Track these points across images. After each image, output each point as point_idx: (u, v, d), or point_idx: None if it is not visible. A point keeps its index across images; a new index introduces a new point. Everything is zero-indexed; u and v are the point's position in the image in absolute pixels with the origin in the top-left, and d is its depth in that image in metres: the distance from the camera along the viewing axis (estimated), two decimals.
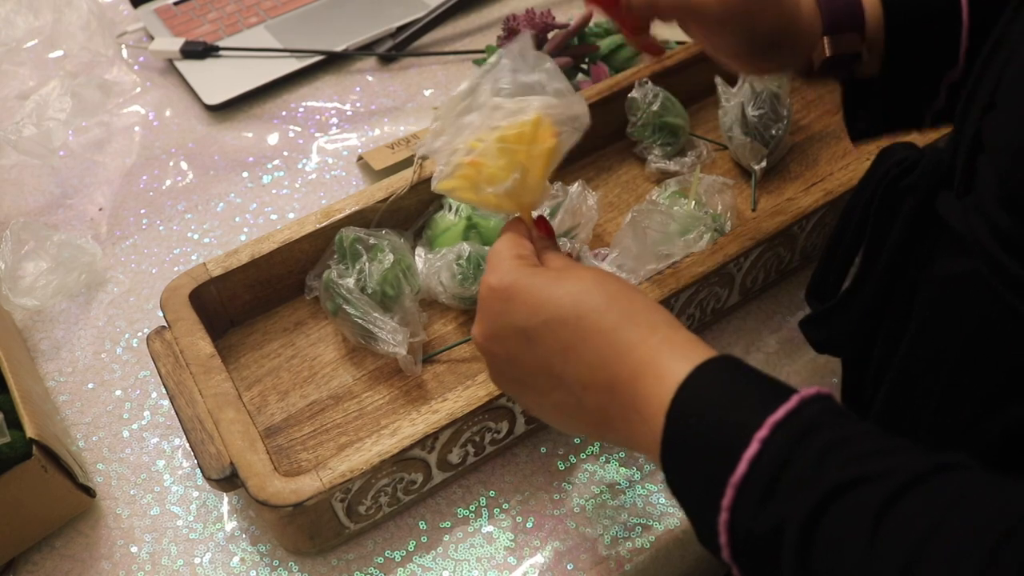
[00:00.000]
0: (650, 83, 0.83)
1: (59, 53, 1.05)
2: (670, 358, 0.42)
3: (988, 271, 0.43)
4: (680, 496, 0.42)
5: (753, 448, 0.37)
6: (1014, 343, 0.44)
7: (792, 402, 0.38)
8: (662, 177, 0.83)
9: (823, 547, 0.35)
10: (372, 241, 0.71)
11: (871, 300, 0.54)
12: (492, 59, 0.52)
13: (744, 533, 0.38)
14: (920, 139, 0.74)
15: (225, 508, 0.66)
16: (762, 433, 0.37)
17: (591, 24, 0.95)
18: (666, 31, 1.01)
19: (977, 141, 0.43)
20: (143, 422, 0.71)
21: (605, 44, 0.94)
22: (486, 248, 0.73)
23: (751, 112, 0.81)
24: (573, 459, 0.67)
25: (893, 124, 0.59)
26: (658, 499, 0.65)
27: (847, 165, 0.74)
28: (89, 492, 0.65)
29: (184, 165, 0.92)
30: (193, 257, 0.84)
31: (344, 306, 0.68)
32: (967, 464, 0.35)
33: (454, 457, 0.63)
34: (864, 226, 0.55)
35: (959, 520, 0.32)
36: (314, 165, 0.91)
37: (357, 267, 0.69)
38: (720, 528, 0.38)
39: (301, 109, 0.97)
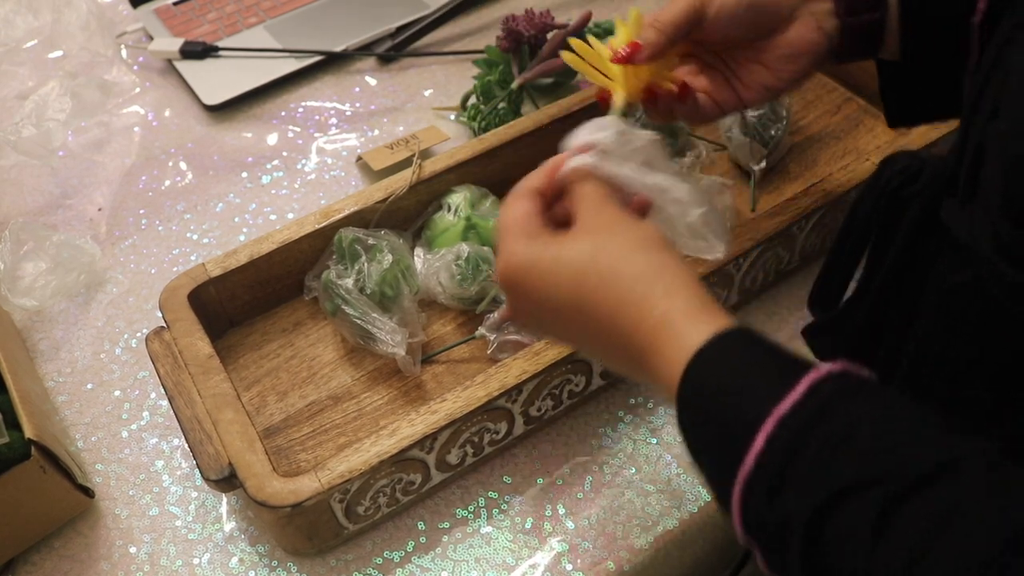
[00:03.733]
0: None
1: (58, 53, 1.05)
2: (683, 324, 0.42)
3: (991, 280, 0.43)
4: (699, 468, 0.43)
5: (759, 443, 0.37)
6: (1019, 353, 0.44)
7: (800, 390, 0.37)
8: None
9: (826, 550, 0.35)
10: (371, 241, 0.71)
11: (874, 309, 0.54)
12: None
13: (755, 520, 0.38)
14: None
15: (224, 508, 0.66)
16: (768, 427, 0.37)
17: (591, 24, 0.95)
18: None
19: (981, 148, 0.43)
20: (142, 422, 0.71)
21: None
22: (485, 248, 0.73)
23: (750, 112, 0.81)
24: (572, 459, 0.67)
25: (930, 111, 0.60)
26: (657, 499, 0.65)
27: (846, 166, 0.74)
28: (88, 492, 0.65)
29: (183, 165, 0.92)
30: (192, 257, 0.84)
31: (343, 306, 0.68)
32: (982, 456, 0.35)
33: (453, 458, 0.63)
34: (867, 235, 0.55)
35: (961, 529, 0.32)
36: (313, 165, 0.91)
37: (356, 267, 0.69)
38: (733, 512, 0.39)
39: (300, 109, 0.97)
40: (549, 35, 0.92)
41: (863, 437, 0.36)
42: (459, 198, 0.76)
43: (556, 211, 0.52)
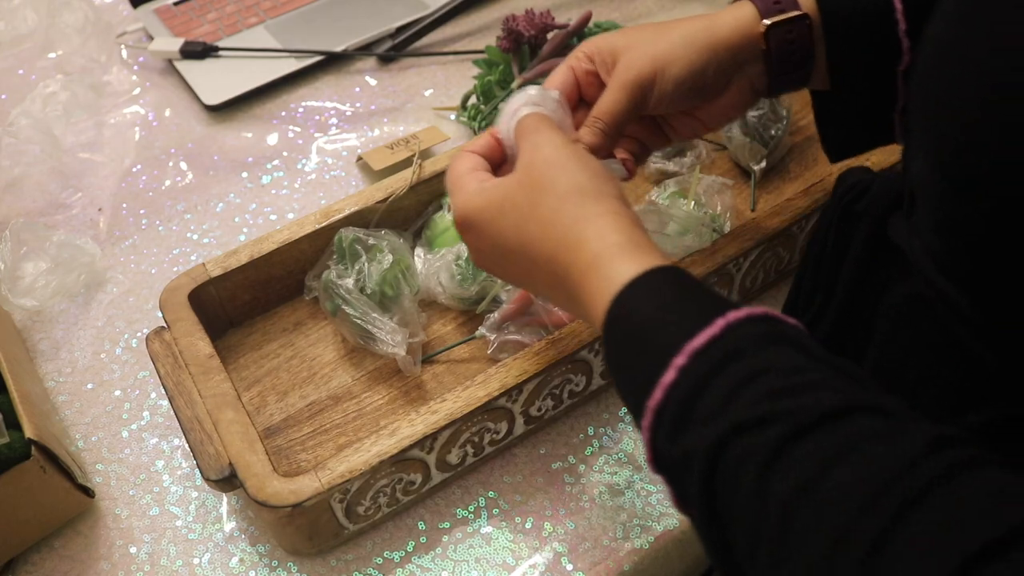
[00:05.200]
0: None
1: (58, 53, 1.05)
2: (613, 262, 0.44)
3: (934, 294, 0.43)
4: (624, 402, 0.44)
5: (670, 375, 0.38)
6: (959, 363, 0.44)
7: (716, 327, 0.38)
8: (661, 177, 0.83)
9: (721, 483, 0.36)
10: (371, 241, 0.71)
11: (834, 325, 0.54)
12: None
13: (663, 454, 0.39)
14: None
15: (224, 508, 0.66)
16: (680, 360, 0.38)
17: (591, 24, 0.95)
18: None
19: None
20: (142, 422, 0.71)
21: None
22: None
23: (750, 112, 0.81)
24: (572, 459, 0.67)
25: (867, 138, 0.59)
26: (657, 499, 0.65)
27: (846, 166, 0.74)
28: (88, 492, 0.65)
29: (184, 165, 0.92)
30: (192, 257, 0.84)
31: (343, 306, 0.68)
32: (878, 406, 0.35)
33: (453, 458, 0.63)
34: (826, 251, 0.55)
35: (845, 470, 0.33)
36: (313, 165, 0.91)
37: (356, 267, 0.69)
38: (644, 445, 0.40)
39: (300, 109, 0.97)
40: (549, 35, 0.92)
41: (772, 378, 0.36)
42: None
43: (501, 174, 0.54)
